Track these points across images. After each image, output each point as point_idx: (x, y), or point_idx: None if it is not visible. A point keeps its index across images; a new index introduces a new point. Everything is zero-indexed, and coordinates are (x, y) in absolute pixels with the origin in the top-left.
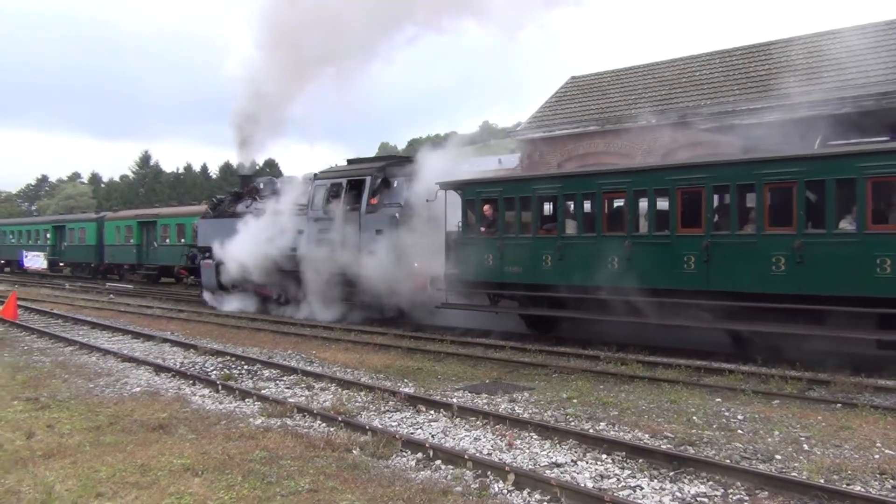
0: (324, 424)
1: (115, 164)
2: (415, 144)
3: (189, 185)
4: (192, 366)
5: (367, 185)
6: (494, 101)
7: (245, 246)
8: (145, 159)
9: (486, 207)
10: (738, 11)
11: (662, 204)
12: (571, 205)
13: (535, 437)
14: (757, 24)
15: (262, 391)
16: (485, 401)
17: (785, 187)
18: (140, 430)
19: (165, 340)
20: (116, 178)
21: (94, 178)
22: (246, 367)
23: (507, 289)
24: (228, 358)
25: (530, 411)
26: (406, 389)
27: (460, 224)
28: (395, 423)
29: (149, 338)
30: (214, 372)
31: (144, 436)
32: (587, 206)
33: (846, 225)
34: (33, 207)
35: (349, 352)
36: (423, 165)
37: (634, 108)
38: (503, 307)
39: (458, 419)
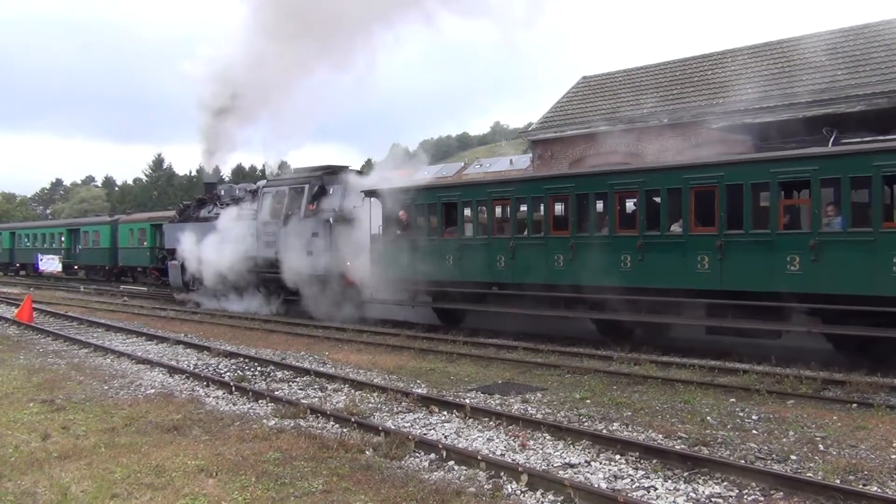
0: (337, 425)
1: (129, 167)
2: (425, 146)
3: (202, 187)
4: (206, 367)
5: (306, 192)
6: (506, 102)
7: (204, 248)
8: (158, 162)
9: (401, 213)
10: (751, 10)
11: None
12: (468, 211)
13: (549, 437)
14: (770, 22)
15: (276, 392)
16: (497, 401)
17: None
18: (155, 432)
19: (179, 342)
20: (130, 182)
21: (108, 182)
22: (259, 368)
23: (420, 285)
24: (242, 359)
25: (543, 412)
26: (419, 390)
27: (381, 228)
28: (408, 424)
29: (162, 340)
30: (228, 373)
31: (159, 437)
32: (482, 211)
33: (676, 228)
34: (48, 211)
35: (362, 353)
36: (354, 175)
37: (646, 107)
38: (419, 301)
39: (470, 420)
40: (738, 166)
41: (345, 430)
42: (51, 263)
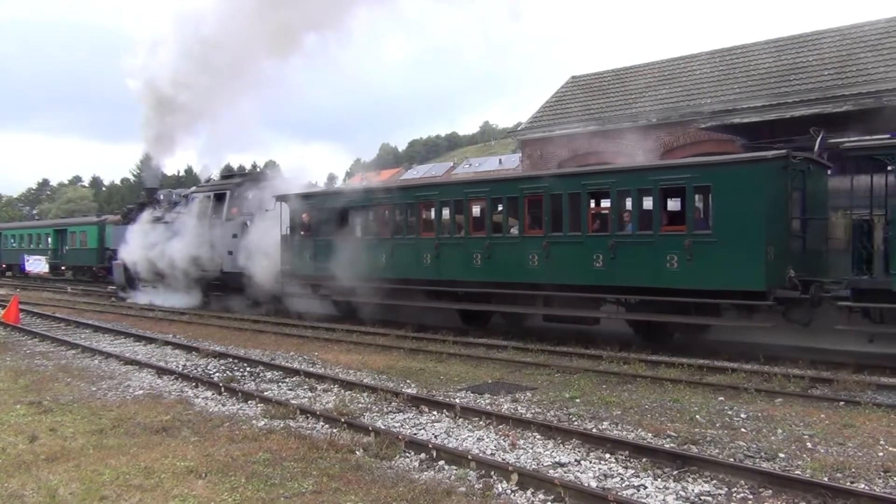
0: (327, 426)
1: (117, 167)
2: (415, 145)
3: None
4: (195, 368)
5: (228, 198)
6: (496, 100)
7: (142, 249)
8: (147, 162)
9: (304, 216)
10: (740, 10)
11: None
12: (356, 215)
13: (539, 437)
14: (760, 21)
15: (265, 393)
16: (487, 401)
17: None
18: (143, 433)
19: (168, 343)
20: (118, 182)
21: (95, 182)
22: (248, 369)
23: (321, 280)
24: (231, 360)
25: (533, 411)
26: (409, 390)
27: (288, 229)
28: (398, 424)
29: (151, 341)
30: (217, 374)
31: (148, 438)
32: (368, 216)
33: (514, 231)
34: (34, 211)
35: (351, 353)
36: (271, 181)
37: (635, 107)
38: (322, 295)
39: (461, 420)
40: (557, 179)
41: (335, 430)
42: (37, 264)
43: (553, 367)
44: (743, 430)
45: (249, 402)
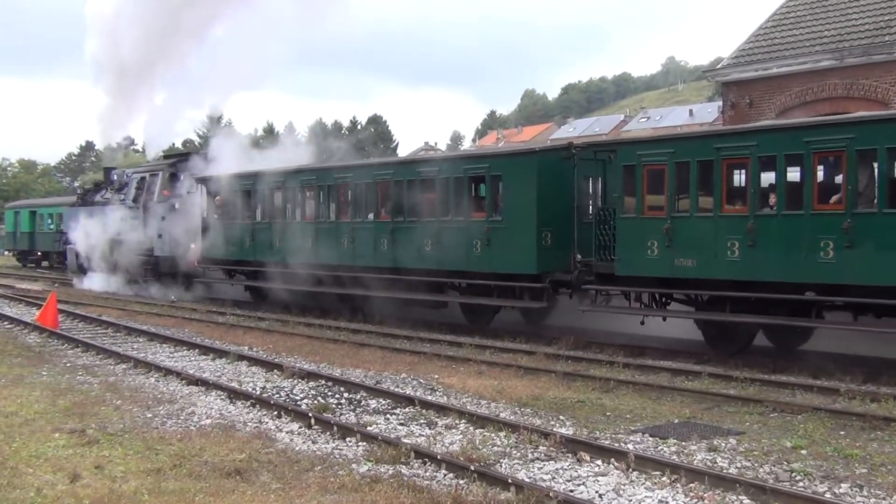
0: (450, 475)
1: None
2: (571, 92)
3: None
4: (277, 392)
5: (160, 179)
6: (682, 29)
7: (89, 232)
8: (212, 118)
9: (217, 198)
10: None
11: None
12: (259, 197)
13: (747, 500)
14: None
15: (369, 428)
16: (673, 448)
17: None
18: (211, 476)
19: (242, 357)
20: (178, 144)
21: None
22: (346, 394)
23: (234, 265)
24: (323, 382)
25: (739, 465)
26: (562, 430)
27: (207, 212)
28: (548, 477)
29: (221, 353)
30: (305, 401)
31: (217, 483)
32: (267, 198)
33: (371, 217)
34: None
35: (483, 377)
36: (197, 161)
37: (889, 31)
38: (236, 280)
39: (635, 473)
40: (399, 166)
41: (461, 481)
42: None
43: (767, 403)
44: None
45: (348, 439)
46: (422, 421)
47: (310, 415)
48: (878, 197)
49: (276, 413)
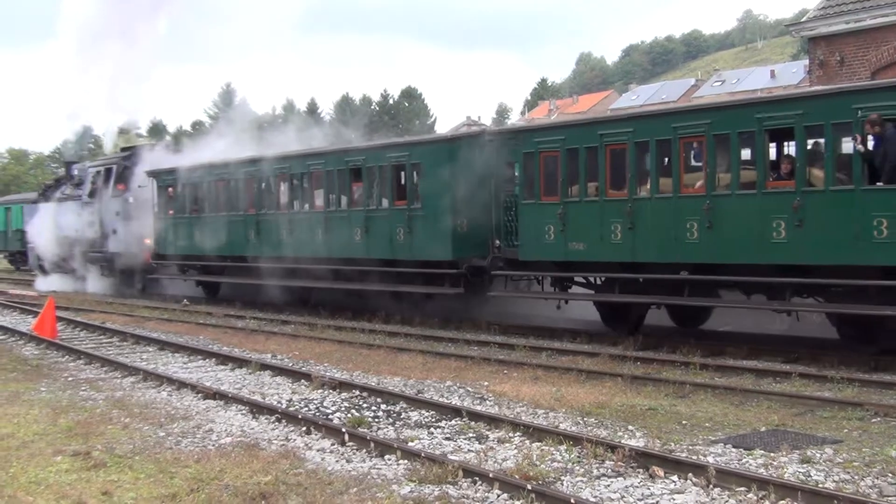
0: (505, 495)
1: (189, 101)
2: (633, 54)
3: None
4: (305, 405)
5: (114, 173)
6: None
7: (45, 229)
8: (227, 94)
9: (169, 190)
10: None
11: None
12: (204, 191)
13: None
14: None
15: (410, 444)
16: (760, 460)
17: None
18: (233, 501)
19: (265, 366)
20: (187, 128)
21: (157, 128)
22: (384, 406)
23: (185, 260)
24: (358, 392)
25: (837, 478)
26: (632, 442)
27: (157, 206)
28: (617, 496)
29: (241, 363)
30: (338, 414)
31: None
32: (221, 189)
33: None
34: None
35: (539, 382)
36: (149, 156)
37: None
38: (189, 276)
39: (716, 490)
40: (324, 155)
41: (517, 502)
42: None
43: (868, 406)
44: None
45: (387, 457)
46: (470, 434)
47: (343, 430)
48: (731, 181)
49: (304, 429)
